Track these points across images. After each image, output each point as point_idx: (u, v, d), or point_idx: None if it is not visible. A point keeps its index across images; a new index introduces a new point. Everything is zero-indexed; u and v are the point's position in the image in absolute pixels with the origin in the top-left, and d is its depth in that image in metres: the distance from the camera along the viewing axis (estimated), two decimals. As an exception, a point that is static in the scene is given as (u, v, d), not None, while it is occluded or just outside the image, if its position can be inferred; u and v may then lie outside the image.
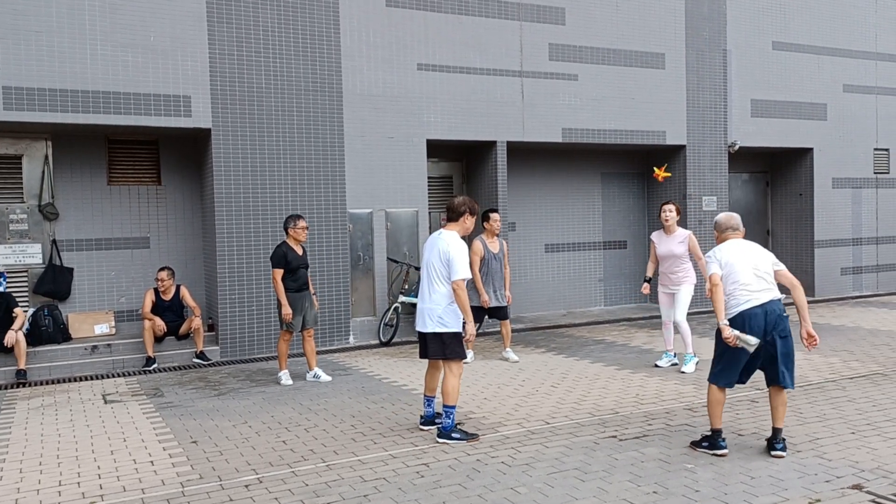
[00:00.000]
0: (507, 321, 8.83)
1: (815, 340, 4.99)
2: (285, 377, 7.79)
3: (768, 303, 4.91)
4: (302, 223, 7.77)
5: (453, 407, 5.56)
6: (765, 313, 4.90)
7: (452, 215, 5.77)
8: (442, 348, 5.60)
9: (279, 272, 7.59)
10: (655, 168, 10.21)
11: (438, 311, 5.58)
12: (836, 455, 4.99)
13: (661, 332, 10.39)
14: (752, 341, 4.81)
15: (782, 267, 5.14)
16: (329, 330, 9.86)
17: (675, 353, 8.18)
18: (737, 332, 4.85)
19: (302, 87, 9.66)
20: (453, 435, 5.52)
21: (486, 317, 8.82)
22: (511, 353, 8.74)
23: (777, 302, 4.96)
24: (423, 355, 5.78)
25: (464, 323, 5.58)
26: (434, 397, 5.89)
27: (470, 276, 5.61)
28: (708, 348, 8.11)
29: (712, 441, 5.10)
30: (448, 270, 5.53)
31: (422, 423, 5.90)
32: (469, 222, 5.79)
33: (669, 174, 9.46)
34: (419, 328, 5.72)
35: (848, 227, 14.22)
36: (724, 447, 5.06)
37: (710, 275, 5.09)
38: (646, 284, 8.23)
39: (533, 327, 11.11)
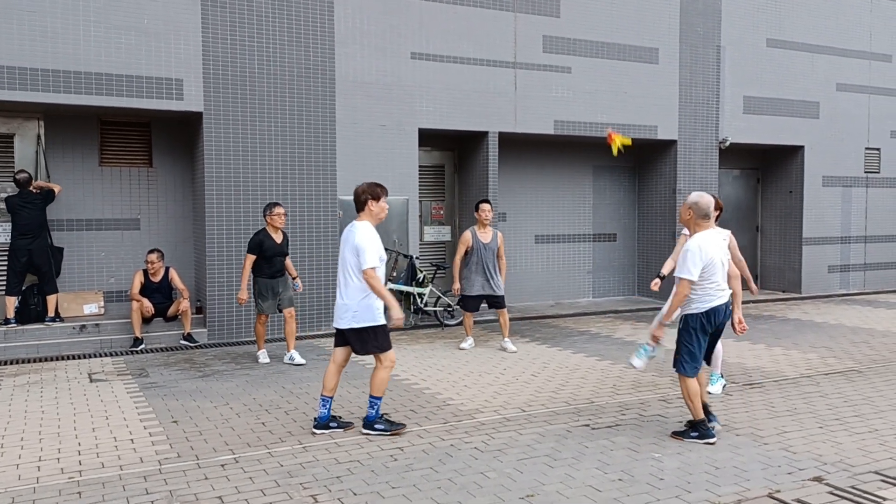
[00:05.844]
0: (505, 310, 8.79)
1: (745, 327, 5.94)
2: (263, 356, 8.16)
3: (727, 301, 5.38)
4: (278, 209, 8.01)
5: (379, 398, 5.45)
6: (725, 307, 5.31)
7: (358, 205, 5.50)
8: (363, 345, 5.40)
9: (251, 258, 7.91)
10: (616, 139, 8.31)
11: (353, 307, 5.34)
12: (801, 448, 5.10)
13: (645, 324, 10.55)
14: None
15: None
16: (315, 314, 9.94)
17: (722, 374, 6.84)
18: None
19: (295, 72, 9.70)
20: (376, 426, 5.43)
21: (486, 306, 8.84)
22: (510, 343, 8.69)
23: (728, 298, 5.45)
24: (337, 345, 5.58)
25: (386, 311, 5.34)
26: (331, 398, 5.53)
27: (379, 265, 5.31)
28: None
29: (702, 431, 5.24)
30: (359, 261, 5.29)
31: (315, 427, 5.52)
32: (376, 208, 5.46)
33: (628, 142, 8.16)
34: (335, 324, 5.51)
35: (837, 225, 14.32)
36: (714, 435, 5.23)
37: (685, 279, 5.12)
38: (657, 280, 6.97)
39: (520, 317, 11.20)
